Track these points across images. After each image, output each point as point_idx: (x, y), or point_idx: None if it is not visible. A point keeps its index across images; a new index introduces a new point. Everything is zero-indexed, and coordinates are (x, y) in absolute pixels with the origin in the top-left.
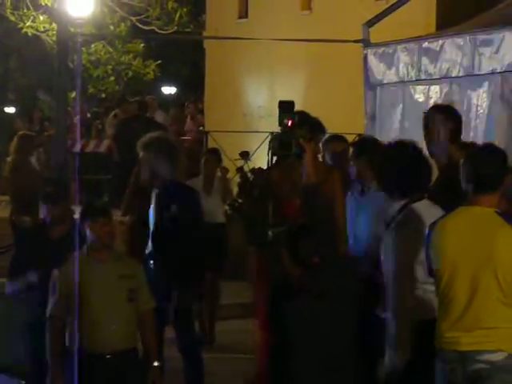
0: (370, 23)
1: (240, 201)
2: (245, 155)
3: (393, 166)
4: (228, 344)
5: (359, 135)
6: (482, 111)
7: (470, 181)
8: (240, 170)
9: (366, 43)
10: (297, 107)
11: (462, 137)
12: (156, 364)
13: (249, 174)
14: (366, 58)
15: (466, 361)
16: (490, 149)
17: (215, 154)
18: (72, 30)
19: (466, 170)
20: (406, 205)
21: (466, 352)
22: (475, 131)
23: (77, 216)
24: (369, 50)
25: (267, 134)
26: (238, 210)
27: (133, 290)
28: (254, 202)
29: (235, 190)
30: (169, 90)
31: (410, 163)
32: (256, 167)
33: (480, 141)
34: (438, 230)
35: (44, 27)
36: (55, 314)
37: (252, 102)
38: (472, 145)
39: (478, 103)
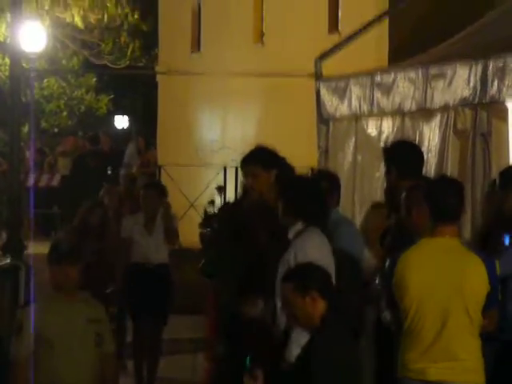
0: (323, 57)
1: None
2: (221, 189)
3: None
4: (177, 380)
5: (312, 169)
6: (434, 145)
7: (433, 212)
8: (212, 203)
9: (319, 77)
10: (249, 140)
11: None
12: None
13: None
14: (318, 91)
15: None
16: (447, 179)
17: (155, 188)
18: (25, 64)
19: (428, 201)
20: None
21: (433, 382)
22: (428, 165)
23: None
24: (321, 84)
25: (220, 167)
26: (201, 239)
27: (100, 335)
28: (214, 234)
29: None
30: (121, 123)
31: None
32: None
33: (432, 174)
34: (401, 263)
35: None
36: (20, 361)
37: (205, 136)
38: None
39: (431, 137)
